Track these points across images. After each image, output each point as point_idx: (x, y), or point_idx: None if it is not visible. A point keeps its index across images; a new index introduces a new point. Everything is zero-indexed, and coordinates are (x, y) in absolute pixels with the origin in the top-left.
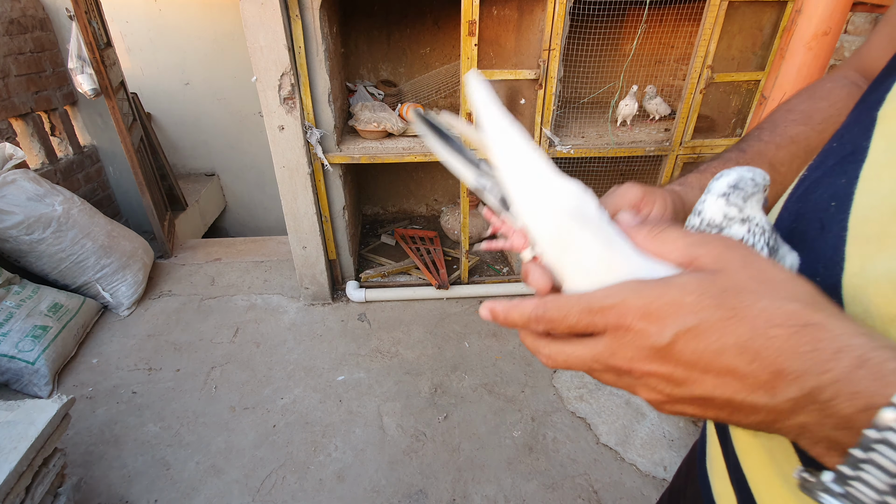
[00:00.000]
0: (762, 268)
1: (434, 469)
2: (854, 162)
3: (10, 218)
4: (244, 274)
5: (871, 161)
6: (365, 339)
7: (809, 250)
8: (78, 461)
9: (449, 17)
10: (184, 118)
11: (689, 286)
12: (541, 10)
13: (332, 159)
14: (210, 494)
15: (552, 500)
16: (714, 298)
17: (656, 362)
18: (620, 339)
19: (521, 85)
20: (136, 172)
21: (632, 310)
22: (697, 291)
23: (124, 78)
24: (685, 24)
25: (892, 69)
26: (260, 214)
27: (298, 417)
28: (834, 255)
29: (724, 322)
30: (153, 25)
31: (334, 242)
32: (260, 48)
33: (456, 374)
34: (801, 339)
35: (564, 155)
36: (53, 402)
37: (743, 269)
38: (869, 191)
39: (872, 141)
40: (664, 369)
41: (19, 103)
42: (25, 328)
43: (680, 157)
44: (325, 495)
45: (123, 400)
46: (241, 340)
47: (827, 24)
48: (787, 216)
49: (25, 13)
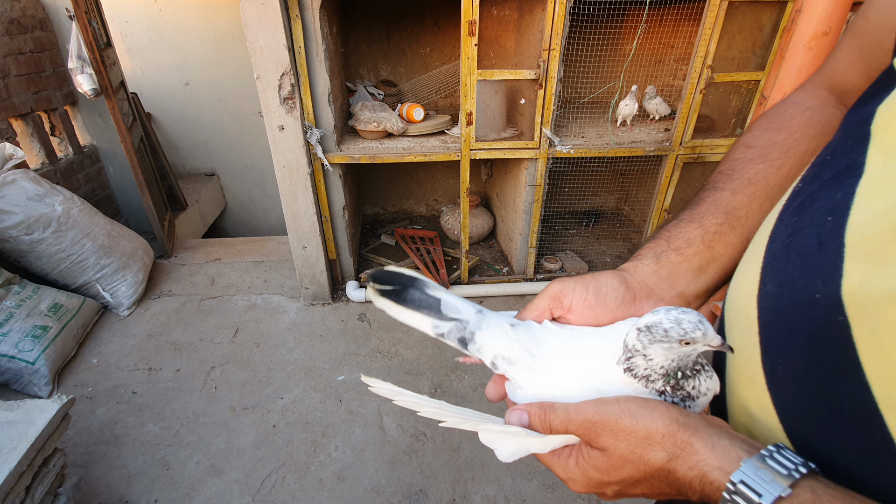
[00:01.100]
0: (625, 437)
1: (434, 469)
2: (850, 177)
3: (10, 218)
4: (244, 274)
5: (869, 177)
6: (365, 339)
7: (808, 265)
8: (78, 461)
9: (449, 17)
10: (184, 118)
11: (601, 468)
12: (541, 10)
13: (332, 159)
14: (210, 494)
15: (552, 500)
16: (617, 475)
17: (609, 497)
18: (595, 489)
19: (521, 85)
20: (136, 172)
21: (581, 483)
22: (606, 472)
23: (124, 78)
24: (685, 24)
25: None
26: (260, 214)
27: (298, 417)
28: (832, 272)
29: (634, 482)
30: (153, 25)
31: (334, 242)
32: (260, 48)
33: (456, 374)
34: (671, 480)
35: (564, 155)
36: (53, 402)
37: (617, 446)
38: (866, 207)
39: (868, 156)
40: (618, 497)
41: (19, 103)
42: (25, 328)
43: (680, 157)
44: (325, 495)
45: (123, 400)
46: (241, 340)
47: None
48: (783, 229)
49: (25, 13)
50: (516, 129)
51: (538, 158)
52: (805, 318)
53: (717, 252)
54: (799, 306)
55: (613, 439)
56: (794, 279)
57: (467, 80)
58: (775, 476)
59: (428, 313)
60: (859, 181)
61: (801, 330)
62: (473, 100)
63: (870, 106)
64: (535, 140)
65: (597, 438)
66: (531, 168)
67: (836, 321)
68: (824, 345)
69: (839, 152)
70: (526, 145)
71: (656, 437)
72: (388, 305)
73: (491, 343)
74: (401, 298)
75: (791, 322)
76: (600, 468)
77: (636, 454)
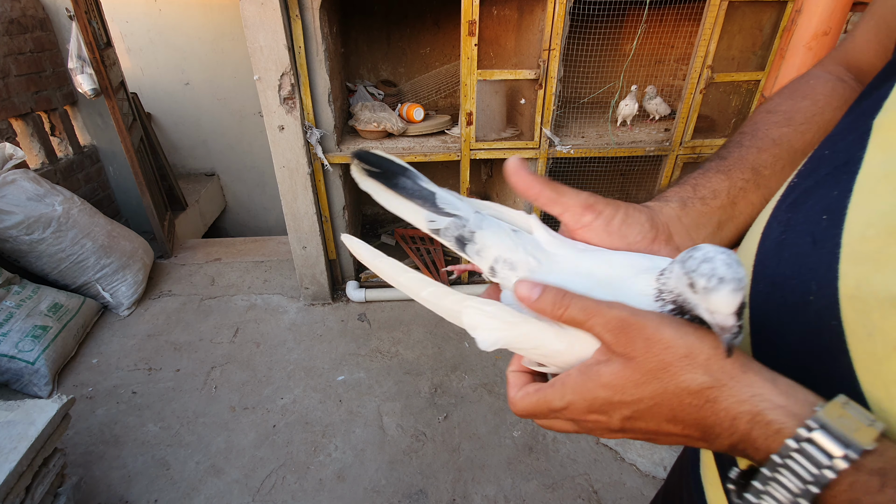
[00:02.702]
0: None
1: (434, 469)
2: (847, 173)
3: (10, 218)
4: (244, 274)
5: (866, 173)
6: (365, 339)
7: (801, 266)
8: (78, 461)
9: (449, 17)
10: (184, 118)
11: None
12: (541, 10)
13: (332, 159)
14: (210, 494)
15: (552, 500)
16: (634, 394)
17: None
18: (582, 423)
19: (521, 85)
20: (136, 172)
21: (580, 409)
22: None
23: (124, 78)
24: (685, 24)
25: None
26: (260, 214)
27: (298, 417)
28: (827, 273)
29: (652, 409)
30: (153, 25)
31: (334, 242)
32: (260, 48)
33: (456, 374)
34: (706, 412)
35: (564, 155)
36: (53, 402)
37: (647, 358)
38: (863, 206)
39: (867, 152)
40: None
41: (19, 103)
42: (25, 328)
43: (680, 157)
44: (325, 495)
45: (123, 400)
46: (241, 340)
47: (827, 24)
48: (776, 225)
49: (25, 13)
50: (516, 129)
51: (538, 158)
52: (797, 321)
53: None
54: (790, 308)
55: (646, 349)
56: (787, 279)
57: (467, 80)
58: (859, 426)
59: (422, 205)
60: (856, 178)
61: (791, 332)
62: (473, 100)
63: (874, 98)
64: (535, 140)
65: (628, 343)
66: (531, 168)
67: (828, 325)
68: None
69: (839, 147)
70: (526, 145)
71: (700, 357)
72: (377, 189)
73: (493, 244)
74: (391, 184)
75: (781, 324)
76: (615, 384)
77: (670, 371)
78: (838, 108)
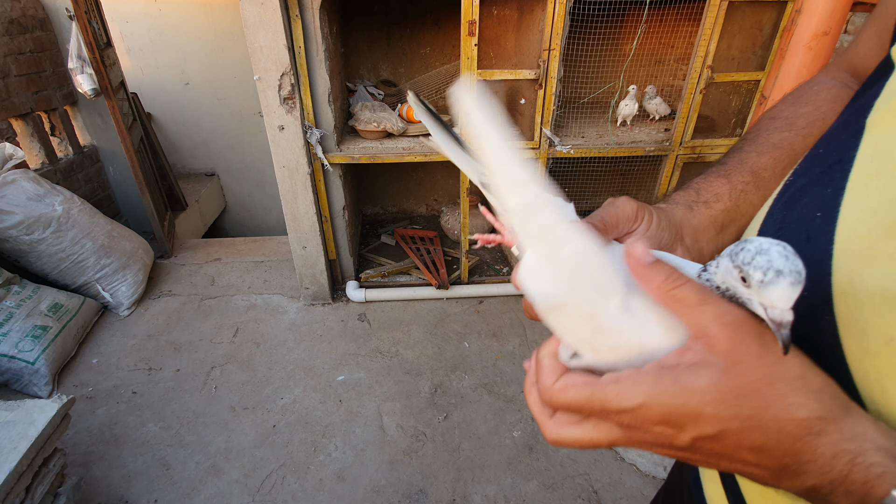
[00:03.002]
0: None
1: (434, 469)
2: (841, 171)
3: (10, 218)
4: (244, 274)
5: (858, 171)
6: (365, 339)
7: None
8: (78, 461)
9: (449, 17)
10: (184, 118)
11: (707, 394)
12: (541, 10)
13: (332, 159)
14: (210, 494)
15: (552, 500)
16: (731, 408)
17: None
18: (639, 434)
19: (521, 85)
20: (136, 172)
21: (650, 417)
22: (715, 402)
23: (124, 78)
24: (685, 24)
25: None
26: (260, 214)
27: (298, 417)
28: (821, 269)
29: (741, 431)
30: (153, 25)
31: (334, 242)
32: (260, 48)
33: (456, 374)
34: (804, 445)
35: (564, 155)
36: (53, 402)
37: (757, 367)
38: (856, 203)
39: (860, 150)
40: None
41: (19, 103)
42: (25, 328)
43: (680, 157)
44: (325, 495)
45: (123, 400)
46: (241, 340)
47: (827, 24)
48: (771, 223)
49: (25, 13)
50: (516, 129)
51: (538, 158)
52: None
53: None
54: None
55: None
56: None
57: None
58: None
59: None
60: (849, 176)
61: None
62: None
63: (867, 97)
64: (534, 140)
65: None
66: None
67: (822, 320)
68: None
69: (832, 146)
70: (526, 145)
71: (814, 381)
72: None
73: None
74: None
75: None
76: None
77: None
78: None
